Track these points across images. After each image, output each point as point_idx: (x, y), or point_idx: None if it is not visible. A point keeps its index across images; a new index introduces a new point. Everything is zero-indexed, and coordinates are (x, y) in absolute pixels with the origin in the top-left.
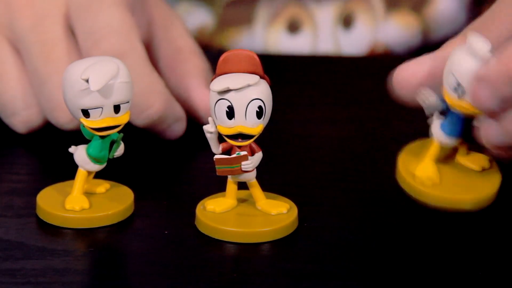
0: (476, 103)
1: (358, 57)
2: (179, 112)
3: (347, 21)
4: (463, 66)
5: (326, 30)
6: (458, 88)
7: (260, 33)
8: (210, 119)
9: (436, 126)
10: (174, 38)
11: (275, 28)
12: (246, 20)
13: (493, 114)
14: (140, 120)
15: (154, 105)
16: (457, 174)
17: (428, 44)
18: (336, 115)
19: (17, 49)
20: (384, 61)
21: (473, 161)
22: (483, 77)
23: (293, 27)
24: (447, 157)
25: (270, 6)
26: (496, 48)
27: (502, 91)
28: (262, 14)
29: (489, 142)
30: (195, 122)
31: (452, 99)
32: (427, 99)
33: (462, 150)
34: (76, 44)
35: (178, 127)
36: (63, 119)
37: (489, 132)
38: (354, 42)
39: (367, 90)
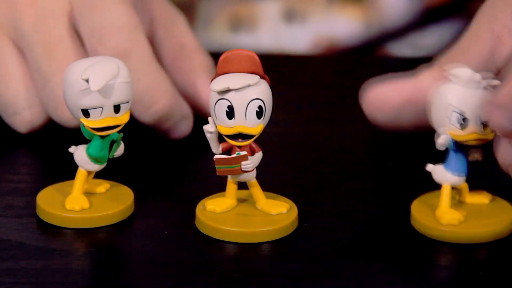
0: (497, 127)
1: (360, 56)
2: (186, 109)
3: (291, 16)
4: (464, 99)
5: (270, 26)
6: (464, 122)
7: (202, 32)
8: (210, 119)
9: (440, 171)
10: (176, 36)
11: (218, 26)
12: (188, 20)
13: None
14: (147, 116)
15: (160, 101)
16: (470, 211)
17: (374, 36)
18: (336, 115)
19: (20, 49)
20: (384, 60)
21: (478, 197)
22: (499, 103)
23: (236, 24)
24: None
25: (210, 4)
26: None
27: None
28: (203, 13)
29: (506, 163)
30: (194, 122)
31: (461, 135)
32: (445, 141)
33: (465, 190)
34: (80, 42)
35: (184, 126)
36: (66, 117)
37: (505, 153)
38: (299, 37)
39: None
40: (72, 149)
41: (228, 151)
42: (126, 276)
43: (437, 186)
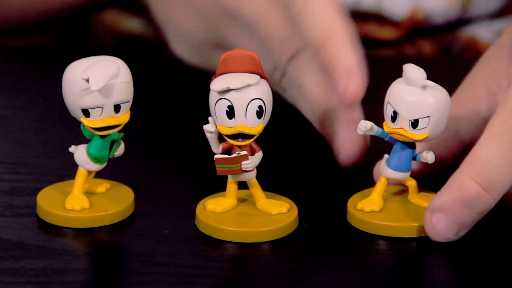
0: (434, 234)
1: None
2: None
3: None
4: (397, 93)
5: None
6: (395, 115)
7: None
8: (210, 118)
9: (383, 163)
10: None
11: None
12: None
13: None
14: None
15: None
16: (405, 208)
17: (464, 18)
18: None
19: None
20: (391, 61)
21: (424, 199)
22: (438, 208)
23: None
24: (398, 194)
25: None
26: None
27: (460, 217)
28: None
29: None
30: (193, 123)
31: (389, 126)
32: (364, 127)
33: (412, 188)
34: None
35: None
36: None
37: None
38: (397, 2)
39: (368, 90)
40: (72, 148)
41: (228, 151)
42: (126, 276)
43: (436, 187)
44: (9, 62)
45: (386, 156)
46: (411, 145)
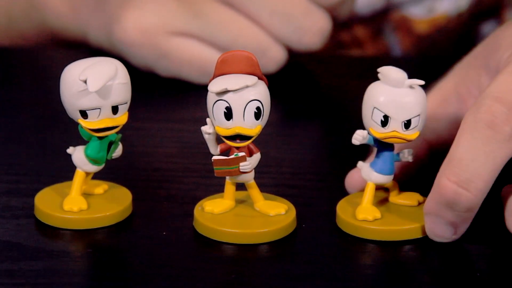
0: (433, 235)
1: (358, 57)
2: None
3: None
4: (386, 97)
5: None
6: (386, 120)
7: None
8: (208, 120)
9: (366, 169)
10: None
11: None
12: None
13: None
14: None
15: None
16: (397, 210)
17: (390, 7)
18: (335, 114)
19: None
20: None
21: (408, 198)
22: (427, 212)
23: None
24: (382, 200)
25: None
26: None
27: (447, 218)
28: None
29: None
30: (191, 124)
31: (381, 133)
32: (362, 136)
33: (394, 190)
34: None
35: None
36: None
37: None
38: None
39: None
40: (70, 150)
41: (226, 152)
42: (124, 277)
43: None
44: (8, 62)
45: (360, 163)
46: (391, 147)
